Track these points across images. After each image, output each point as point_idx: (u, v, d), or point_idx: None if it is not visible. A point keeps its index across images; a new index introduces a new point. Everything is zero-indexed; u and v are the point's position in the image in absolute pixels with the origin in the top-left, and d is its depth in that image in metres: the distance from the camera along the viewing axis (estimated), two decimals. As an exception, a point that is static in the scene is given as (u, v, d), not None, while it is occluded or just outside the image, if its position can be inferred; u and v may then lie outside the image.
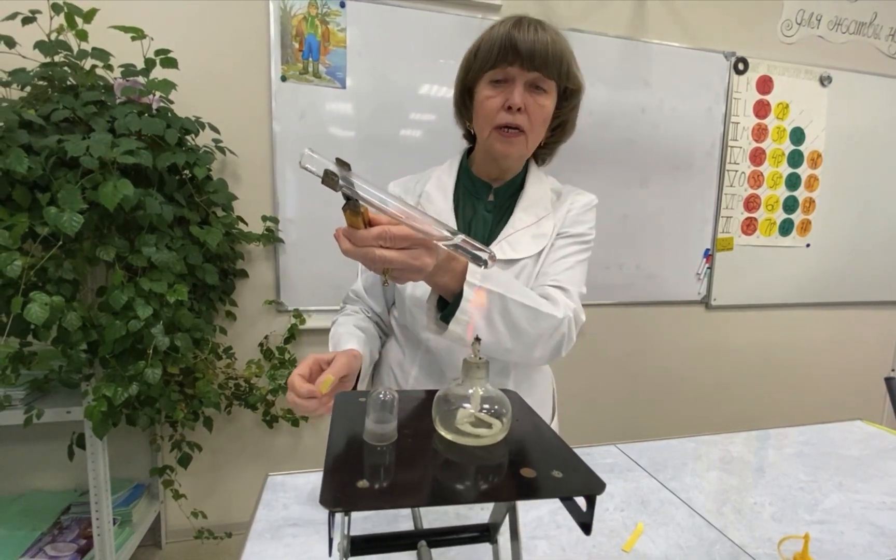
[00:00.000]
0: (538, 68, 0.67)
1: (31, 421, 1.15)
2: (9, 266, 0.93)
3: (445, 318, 0.57)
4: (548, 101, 0.71)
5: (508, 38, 0.67)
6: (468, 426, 0.30)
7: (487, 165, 0.77)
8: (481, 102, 0.71)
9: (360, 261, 0.47)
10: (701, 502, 0.66)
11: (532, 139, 0.72)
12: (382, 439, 0.29)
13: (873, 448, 0.85)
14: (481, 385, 0.31)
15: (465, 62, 0.75)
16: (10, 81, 1.18)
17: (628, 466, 0.76)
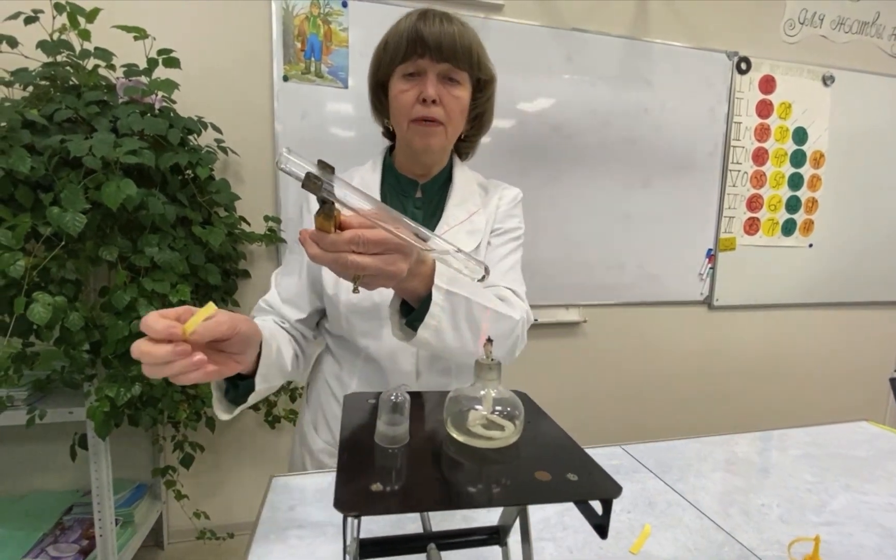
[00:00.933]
0: (448, 59, 0.67)
1: (34, 421, 1.15)
2: (11, 266, 0.93)
3: (411, 322, 0.56)
4: (462, 92, 0.70)
5: (415, 30, 0.66)
6: (480, 428, 0.29)
7: (411, 162, 0.76)
8: (396, 97, 0.70)
9: (330, 266, 0.44)
10: (708, 504, 0.66)
11: (451, 130, 0.72)
12: (394, 442, 0.29)
13: (879, 449, 0.85)
14: (493, 387, 0.30)
15: (376, 58, 0.74)
16: (12, 81, 1.18)
17: (634, 468, 0.75)
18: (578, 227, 1.95)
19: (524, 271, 0.83)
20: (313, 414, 0.81)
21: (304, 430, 0.82)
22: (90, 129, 1.12)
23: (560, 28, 1.82)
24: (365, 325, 0.72)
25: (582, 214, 1.94)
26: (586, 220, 1.95)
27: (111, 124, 1.12)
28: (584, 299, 2.00)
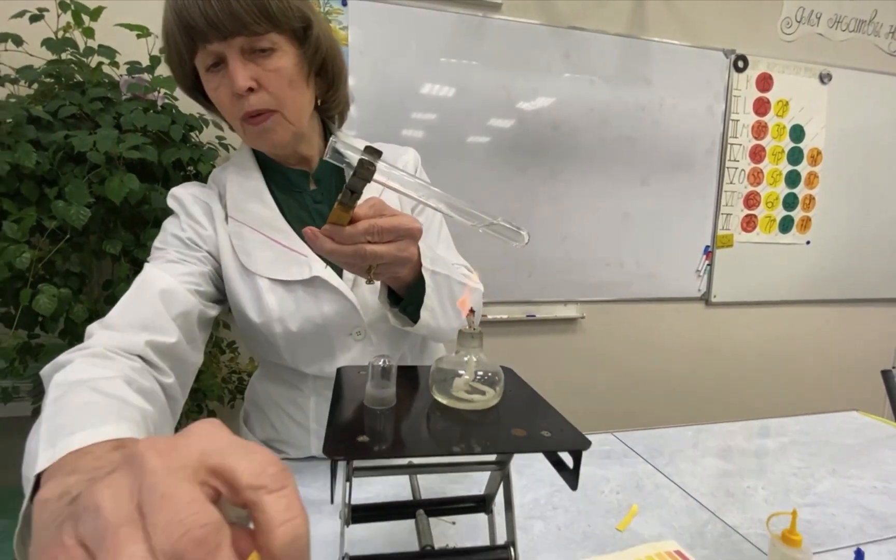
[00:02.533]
0: (237, 31, 0.51)
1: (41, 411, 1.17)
2: (18, 258, 0.95)
3: (405, 309, 0.55)
4: (281, 58, 0.55)
5: (175, 15, 0.52)
6: (463, 393, 0.31)
7: (277, 156, 0.64)
8: (213, 97, 0.58)
9: (347, 260, 0.43)
10: (694, 486, 0.67)
11: (290, 111, 0.58)
12: (382, 404, 0.31)
13: (868, 437, 0.86)
14: (475, 353, 0.32)
15: (167, 60, 0.59)
16: (17, 78, 1.20)
17: (625, 453, 0.77)
18: (577, 225, 1.96)
19: (522, 267, 0.81)
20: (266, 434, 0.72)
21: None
22: (94, 125, 1.14)
23: (558, 26, 1.84)
24: (310, 351, 0.64)
25: (580, 212, 1.96)
26: (585, 217, 1.97)
27: (115, 120, 1.14)
28: (582, 296, 2.02)
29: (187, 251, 0.60)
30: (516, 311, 1.94)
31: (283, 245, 0.62)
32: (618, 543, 0.55)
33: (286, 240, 0.62)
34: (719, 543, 0.55)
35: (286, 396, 0.69)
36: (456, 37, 1.73)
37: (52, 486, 0.25)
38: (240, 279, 0.61)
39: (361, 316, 0.63)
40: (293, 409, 0.69)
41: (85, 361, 0.43)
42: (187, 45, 0.53)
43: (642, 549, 0.53)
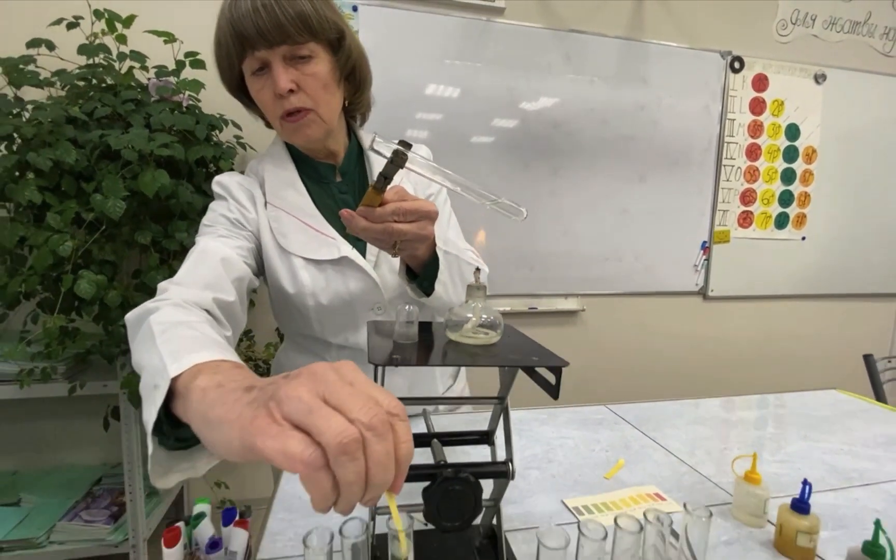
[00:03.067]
0: (281, 41, 0.59)
1: (76, 390, 1.26)
2: (61, 246, 1.04)
3: (421, 284, 0.62)
4: (318, 64, 0.63)
5: (231, 26, 0.60)
6: (471, 333, 0.39)
7: (309, 151, 0.73)
8: (256, 97, 0.66)
9: (376, 236, 0.50)
10: (676, 447, 0.75)
11: (324, 110, 0.66)
12: (407, 338, 0.39)
13: (842, 410, 0.94)
14: (480, 302, 0.40)
15: (217, 64, 0.68)
16: (53, 81, 1.29)
17: (616, 421, 0.85)
18: (577, 220, 2.03)
19: (525, 262, 0.87)
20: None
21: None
22: (125, 124, 1.23)
23: (559, 29, 1.92)
24: (339, 321, 0.72)
25: (581, 208, 2.03)
26: (585, 213, 2.04)
27: (145, 121, 1.23)
28: (582, 289, 2.09)
29: (234, 230, 0.69)
30: (519, 304, 2.01)
31: (314, 229, 0.70)
32: (604, 488, 0.62)
33: (317, 224, 0.71)
34: (693, 488, 0.63)
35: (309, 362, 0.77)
36: (461, 40, 1.81)
37: (205, 379, 0.34)
38: (278, 257, 0.70)
39: (382, 292, 0.71)
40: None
41: (172, 308, 0.50)
42: (238, 52, 0.62)
43: (625, 491, 0.61)
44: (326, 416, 0.25)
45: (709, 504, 0.59)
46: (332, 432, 0.24)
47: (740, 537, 0.53)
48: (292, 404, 0.26)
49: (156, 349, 0.39)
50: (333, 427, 0.25)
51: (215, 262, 0.60)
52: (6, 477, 1.66)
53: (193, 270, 0.59)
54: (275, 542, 0.50)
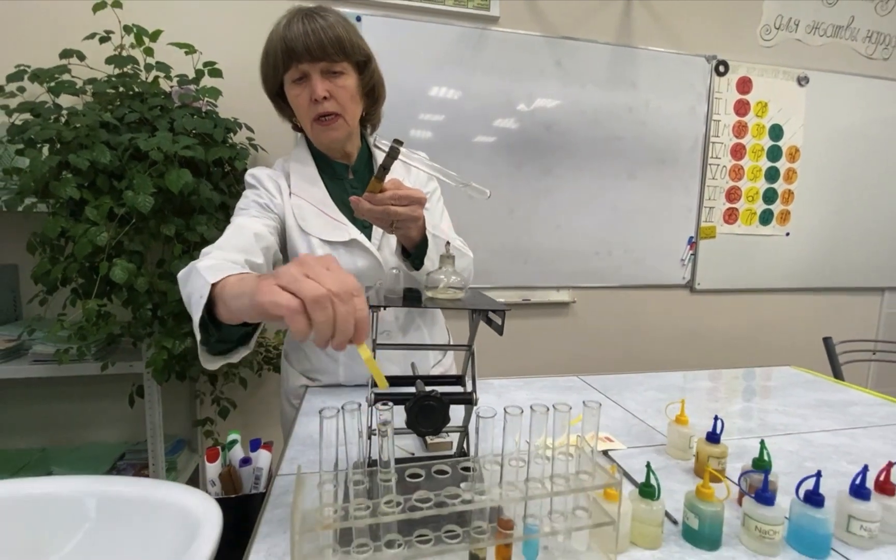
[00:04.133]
0: (322, 58, 0.74)
1: (107, 368, 1.40)
2: (98, 237, 1.18)
3: (413, 261, 0.74)
4: (347, 79, 0.78)
5: (283, 42, 0.74)
6: (442, 290, 0.52)
7: (328, 148, 0.86)
8: (293, 101, 0.80)
9: (378, 216, 0.63)
10: (633, 407, 0.87)
11: (349, 116, 0.81)
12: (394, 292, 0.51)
13: (789, 381, 1.05)
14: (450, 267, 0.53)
15: (262, 71, 0.82)
16: (85, 89, 1.43)
17: (584, 388, 0.97)
18: (569, 216, 2.15)
19: (519, 255, 1.00)
20: (302, 367, 0.93)
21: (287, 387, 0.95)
22: (152, 128, 1.36)
23: (552, 36, 2.03)
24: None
25: (572, 204, 2.15)
26: (576, 209, 2.16)
27: (169, 124, 1.36)
28: (573, 282, 2.21)
29: (263, 212, 0.83)
30: (513, 296, 2.13)
31: (330, 216, 0.85)
32: (564, 434, 0.74)
33: (332, 213, 0.86)
34: (638, 434, 0.75)
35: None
36: (458, 47, 1.93)
37: (234, 279, 0.49)
38: (299, 237, 0.84)
39: (383, 270, 0.85)
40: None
41: (211, 259, 0.62)
42: (284, 63, 0.76)
43: (580, 435, 0.73)
44: (306, 282, 0.38)
45: (648, 445, 0.71)
46: (308, 290, 0.37)
47: (668, 466, 0.65)
48: (284, 277, 0.39)
49: (200, 276, 0.53)
50: (310, 287, 0.37)
51: (248, 234, 0.73)
52: (36, 453, 1.80)
53: (230, 239, 0.72)
54: (291, 464, 0.62)
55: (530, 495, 0.43)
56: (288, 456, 0.64)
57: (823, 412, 0.87)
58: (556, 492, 0.43)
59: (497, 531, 0.42)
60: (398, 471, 0.43)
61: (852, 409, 0.89)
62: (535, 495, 0.43)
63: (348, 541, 0.41)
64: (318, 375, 0.93)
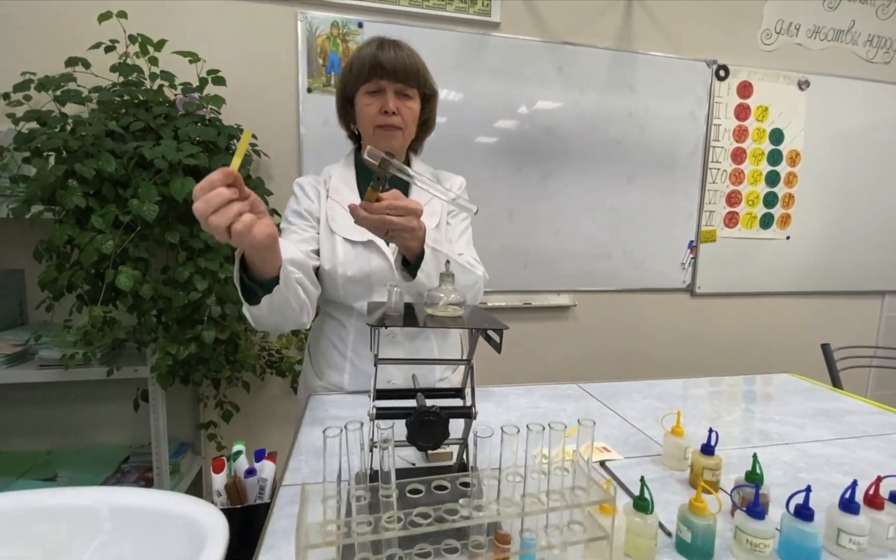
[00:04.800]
0: (402, 80, 0.88)
1: (112, 373, 1.42)
2: (104, 245, 1.20)
3: (410, 271, 0.78)
4: (414, 104, 0.92)
5: (375, 58, 0.87)
6: (442, 307, 0.53)
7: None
8: (363, 109, 0.91)
9: (372, 224, 0.67)
10: (631, 416, 0.88)
11: (406, 134, 0.93)
12: (395, 311, 0.53)
13: (786, 389, 1.06)
14: (450, 285, 0.54)
15: (342, 79, 0.94)
16: (90, 97, 1.44)
17: (583, 395, 0.98)
18: (569, 220, 2.16)
19: (519, 259, 1.05)
20: (317, 365, 1.02)
21: (307, 380, 1.05)
22: (157, 136, 1.38)
23: (552, 42, 2.04)
24: (359, 289, 0.93)
25: (572, 208, 2.16)
26: (576, 213, 2.17)
27: (173, 133, 1.38)
28: (574, 285, 2.22)
29: (301, 221, 0.95)
30: (513, 299, 2.15)
31: None
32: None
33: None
34: (635, 444, 0.76)
35: (334, 329, 0.99)
36: (459, 52, 1.95)
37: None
38: (327, 235, 0.93)
39: (394, 272, 0.88)
40: (336, 339, 0.98)
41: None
42: (368, 74, 0.88)
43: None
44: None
45: (645, 455, 0.72)
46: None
47: (663, 477, 0.66)
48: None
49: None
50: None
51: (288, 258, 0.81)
52: (42, 456, 1.82)
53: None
54: (296, 474, 0.64)
55: (527, 511, 0.44)
56: (292, 465, 0.66)
57: (820, 421, 0.88)
58: (553, 507, 0.45)
59: (494, 545, 0.44)
60: (399, 486, 0.44)
61: (848, 418, 0.90)
62: (531, 511, 0.44)
63: (351, 555, 0.42)
64: (328, 371, 0.99)
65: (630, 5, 2.12)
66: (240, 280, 0.68)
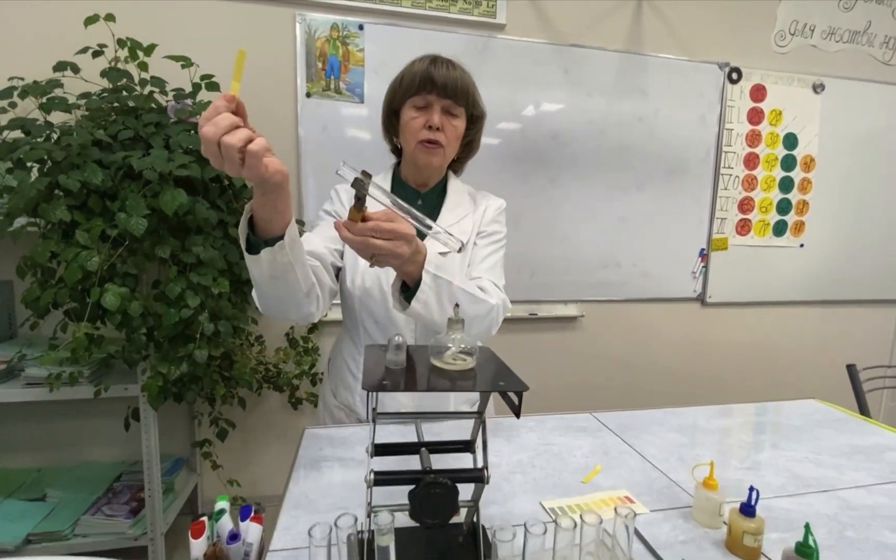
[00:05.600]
0: (450, 97, 0.86)
1: (100, 393, 1.35)
2: (88, 261, 1.13)
3: (408, 298, 0.72)
4: (460, 123, 0.90)
5: (427, 72, 0.85)
6: (450, 359, 0.46)
7: (414, 174, 0.94)
8: (407, 122, 0.88)
9: (356, 246, 0.62)
10: (652, 454, 0.81)
11: (448, 152, 0.90)
12: (397, 365, 0.46)
13: (814, 420, 0.99)
14: (459, 333, 0.47)
15: (391, 90, 0.92)
16: (79, 105, 1.38)
17: (598, 428, 0.91)
18: (576, 228, 2.09)
19: (525, 268, 1.00)
20: (333, 383, 1.00)
21: (325, 396, 1.02)
22: (147, 145, 1.31)
23: (559, 44, 1.97)
24: (375, 305, 0.90)
25: (579, 216, 2.09)
26: (583, 221, 2.10)
27: (164, 141, 1.31)
28: (581, 295, 2.15)
29: (332, 220, 0.91)
30: (519, 310, 2.08)
31: None
32: (580, 491, 0.69)
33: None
34: (662, 493, 0.69)
35: (348, 347, 0.97)
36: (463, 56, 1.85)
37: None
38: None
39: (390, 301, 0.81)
40: (350, 359, 0.96)
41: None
42: (418, 87, 0.86)
43: (598, 495, 0.68)
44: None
45: (673, 507, 0.66)
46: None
47: (696, 537, 0.59)
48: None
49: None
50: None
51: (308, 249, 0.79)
52: (31, 474, 1.76)
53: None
54: (285, 535, 0.57)
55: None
56: (281, 523, 0.59)
57: (858, 462, 0.81)
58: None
59: None
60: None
61: (888, 455, 0.83)
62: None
63: None
64: (342, 391, 0.96)
65: (640, 6, 2.05)
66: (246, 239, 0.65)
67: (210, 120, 0.52)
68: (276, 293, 0.70)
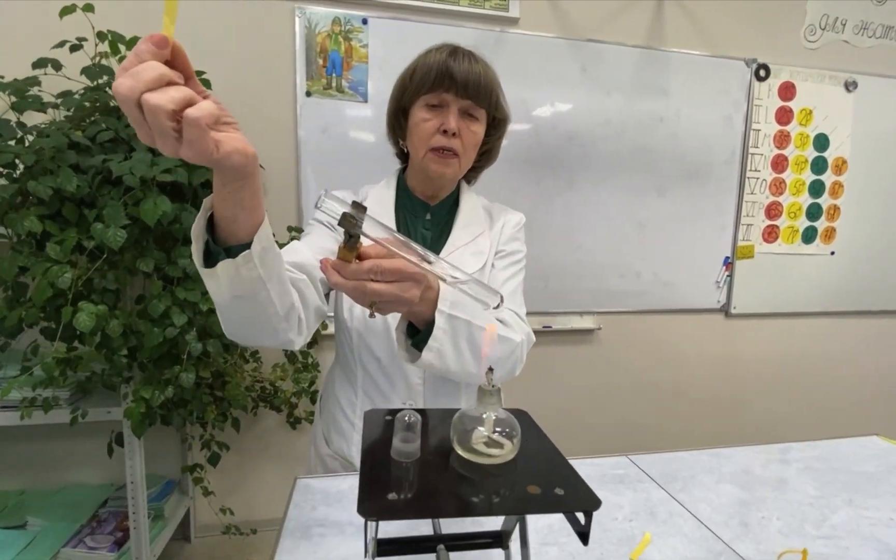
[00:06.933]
0: (471, 97, 0.72)
1: (77, 420, 1.23)
2: (60, 278, 1.01)
3: (416, 343, 0.59)
4: (479, 128, 0.76)
5: (445, 66, 0.71)
6: (482, 446, 0.34)
7: (423, 184, 0.81)
8: (417, 124, 0.74)
9: (350, 293, 0.48)
10: (708, 515, 0.69)
11: (464, 162, 0.77)
12: (408, 457, 0.33)
13: (887, 464, 0.86)
14: (494, 409, 0.35)
15: (401, 84, 0.78)
16: (58, 104, 1.27)
17: (638, 477, 0.78)
18: (592, 235, 1.96)
19: (538, 278, 0.87)
20: (325, 426, 0.86)
21: (316, 440, 0.88)
22: (129, 148, 1.20)
23: (576, 39, 1.85)
24: (373, 338, 0.76)
25: (596, 222, 1.96)
26: (600, 227, 1.97)
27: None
28: (598, 306, 2.02)
29: (325, 231, 0.76)
30: (533, 322, 1.92)
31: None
32: (630, 573, 0.56)
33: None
34: (730, 575, 0.56)
35: (343, 388, 0.83)
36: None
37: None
38: None
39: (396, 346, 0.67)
40: (345, 401, 0.82)
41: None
42: (433, 83, 0.71)
43: (654, 580, 0.55)
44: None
45: (750, 600, 0.53)
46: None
47: None
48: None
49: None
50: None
51: (296, 254, 0.67)
52: (13, 497, 1.65)
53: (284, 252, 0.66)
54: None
55: None
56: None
57: (955, 524, 0.67)
58: None
59: None
60: None
61: None
62: None
63: None
64: (334, 435, 0.83)
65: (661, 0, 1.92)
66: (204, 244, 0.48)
67: (128, 70, 0.34)
68: (243, 316, 0.53)
